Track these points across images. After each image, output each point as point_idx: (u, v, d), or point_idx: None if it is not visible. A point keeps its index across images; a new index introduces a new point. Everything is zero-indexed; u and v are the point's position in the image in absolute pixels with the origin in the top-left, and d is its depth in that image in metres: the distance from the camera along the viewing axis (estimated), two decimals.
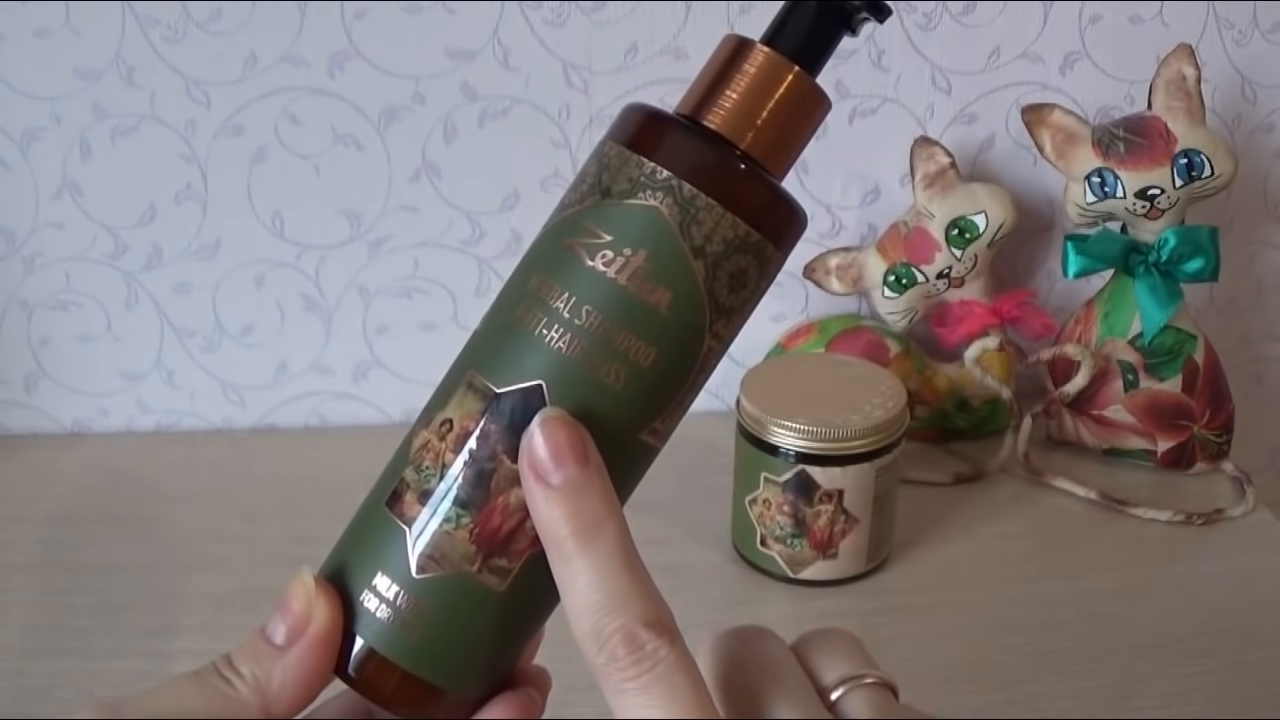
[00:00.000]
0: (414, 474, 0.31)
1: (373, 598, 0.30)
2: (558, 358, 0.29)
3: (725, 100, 0.30)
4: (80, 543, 0.67)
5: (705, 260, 0.29)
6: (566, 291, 0.30)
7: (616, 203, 0.30)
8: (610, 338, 0.29)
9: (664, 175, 0.29)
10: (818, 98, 0.31)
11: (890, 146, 0.77)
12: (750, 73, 0.31)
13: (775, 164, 0.31)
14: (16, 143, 0.72)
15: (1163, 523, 0.69)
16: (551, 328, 0.30)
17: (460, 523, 0.30)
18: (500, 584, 0.30)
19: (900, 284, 0.75)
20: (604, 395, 0.30)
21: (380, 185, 0.75)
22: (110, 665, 0.56)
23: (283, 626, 0.30)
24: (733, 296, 0.30)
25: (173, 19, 0.70)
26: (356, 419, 0.80)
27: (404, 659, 0.30)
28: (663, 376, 0.30)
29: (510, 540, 0.30)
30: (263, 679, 0.30)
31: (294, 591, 0.31)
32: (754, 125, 0.30)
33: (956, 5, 0.76)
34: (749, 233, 0.30)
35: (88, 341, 0.77)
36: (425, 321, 0.79)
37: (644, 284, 0.29)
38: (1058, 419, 0.77)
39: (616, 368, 0.30)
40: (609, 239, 0.30)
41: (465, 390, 0.30)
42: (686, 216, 0.29)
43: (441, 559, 0.30)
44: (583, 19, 0.73)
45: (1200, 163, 0.70)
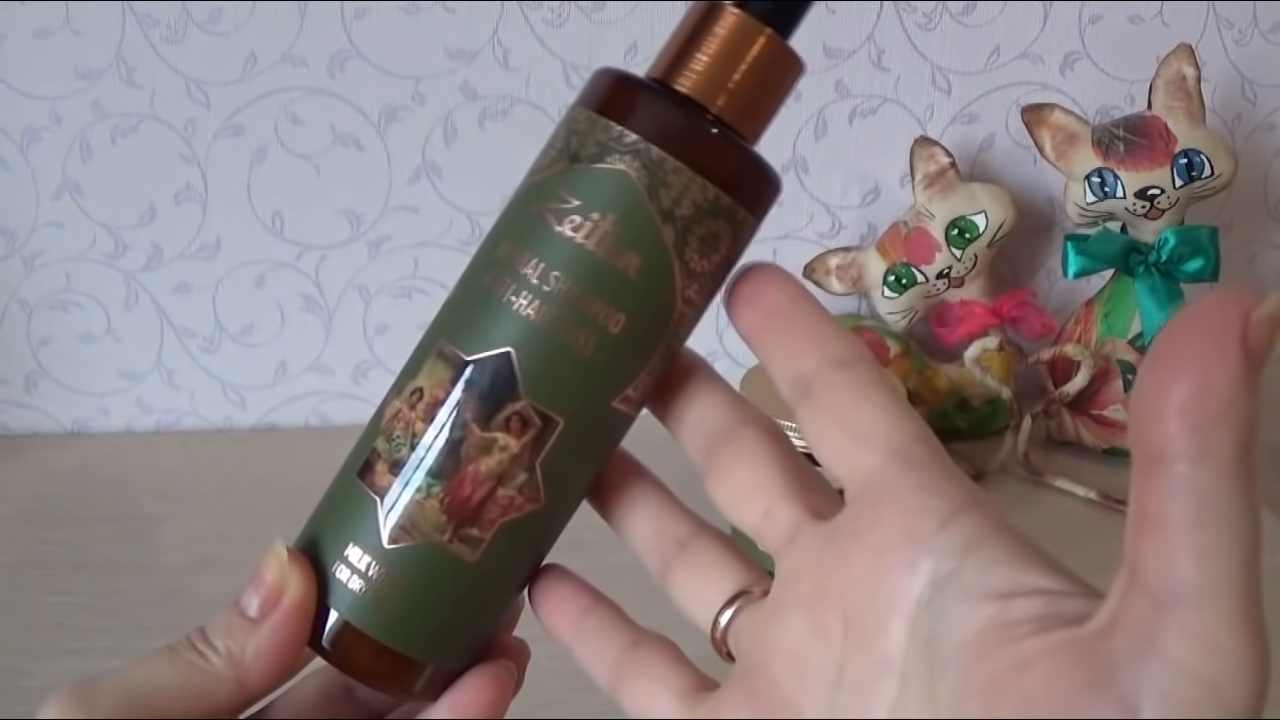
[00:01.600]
0: (385, 443, 0.31)
1: (345, 569, 0.30)
2: (526, 324, 0.29)
3: (696, 63, 0.30)
4: (80, 543, 0.67)
5: (675, 224, 0.29)
6: (535, 258, 0.29)
7: (585, 167, 0.29)
8: (579, 304, 0.29)
9: (632, 139, 0.29)
10: (790, 60, 0.31)
11: (890, 146, 0.77)
12: (721, 35, 0.30)
13: (747, 127, 0.30)
14: (16, 143, 0.72)
15: None
16: (520, 294, 0.29)
17: (431, 492, 0.29)
18: (472, 554, 0.30)
19: (900, 284, 0.75)
20: (574, 362, 0.29)
21: (380, 185, 0.75)
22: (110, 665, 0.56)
23: (256, 599, 0.30)
24: (704, 261, 0.30)
25: (173, 19, 0.70)
26: (356, 419, 0.80)
27: (377, 630, 0.30)
28: (633, 343, 0.30)
29: (481, 509, 0.30)
30: (236, 651, 0.30)
31: (267, 563, 0.30)
32: (725, 88, 0.30)
33: (956, 5, 0.76)
34: (719, 196, 0.29)
35: (88, 341, 0.77)
36: (425, 321, 0.77)
37: (612, 249, 0.29)
38: (1058, 419, 0.77)
39: (586, 334, 0.29)
40: (577, 204, 0.29)
41: (435, 359, 0.30)
42: (655, 180, 0.29)
43: (413, 529, 0.30)
44: (583, 19, 0.73)
45: (1200, 163, 0.70)
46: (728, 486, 0.30)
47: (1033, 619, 0.22)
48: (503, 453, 0.29)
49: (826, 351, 0.28)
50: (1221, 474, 0.19)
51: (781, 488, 0.29)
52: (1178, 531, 0.20)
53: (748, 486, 0.30)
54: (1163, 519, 0.20)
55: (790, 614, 0.28)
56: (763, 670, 0.28)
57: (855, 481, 0.27)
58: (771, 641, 0.28)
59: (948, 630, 0.23)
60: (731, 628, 0.30)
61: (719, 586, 0.31)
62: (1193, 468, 0.19)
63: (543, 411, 0.29)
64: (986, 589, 0.23)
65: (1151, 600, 0.20)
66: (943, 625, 0.24)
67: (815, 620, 0.27)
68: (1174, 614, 0.20)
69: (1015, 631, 0.22)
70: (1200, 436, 0.19)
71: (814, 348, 0.28)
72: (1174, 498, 0.20)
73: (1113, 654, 0.20)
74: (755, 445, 0.30)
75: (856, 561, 0.26)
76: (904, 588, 0.24)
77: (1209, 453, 0.19)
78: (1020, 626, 0.22)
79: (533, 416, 0.29)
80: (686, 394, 0.32)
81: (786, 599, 0.28)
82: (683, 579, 0.31)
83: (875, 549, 0.25)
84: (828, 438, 0.27)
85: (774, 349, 0.29)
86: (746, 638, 0.29)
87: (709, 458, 0.31)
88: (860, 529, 0.26)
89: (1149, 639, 0.20)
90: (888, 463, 0.26)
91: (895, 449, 0.26)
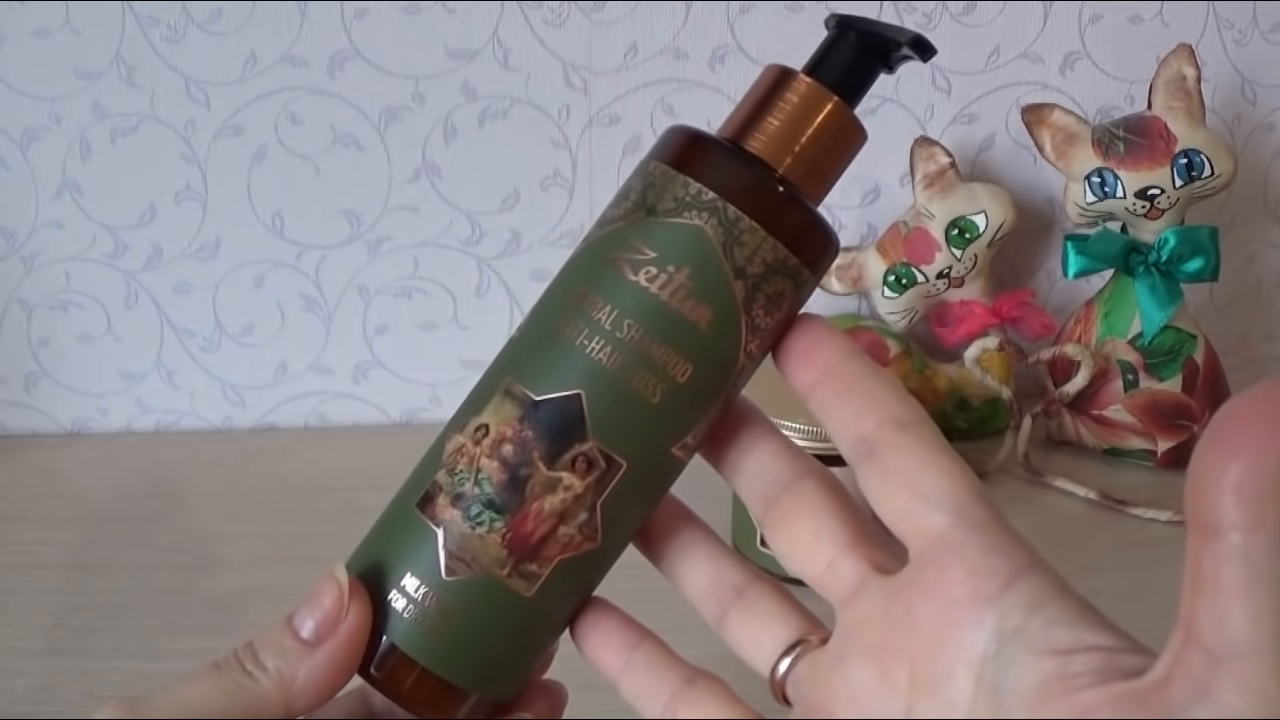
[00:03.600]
0: (447, 477, 0.31)
1: (400, 596, 0.31)
2: (597, 368, 0.30)
3: (767, 126, 0.31)
4: (80, 543, 0.67)
5: (745, 281, 0.30)
6: (609, 304, 0.30)
7: (661, 220, 0.30)
8: (649, 351, 0.30)
9: (709, 196, 0.30)
10: (855, 128, 0.32)
11: (890, 146, 0.77)
12: (792, 100, 0.31)
13: (812, 190, 0.32)
14: (16, 143, 0.72)
15: (1163, 523, 0.69)
16: (592, 339, 0.30)
17: (493, 527, 0.30)
18: (529, 589, 0.31)
19: (900, 284, 0.75)
20: (640, 408, 0.30)
21: (380, 185, 0.75)
22: (110, 665, 0.56)
23: (311, 621, 0.30)
24: (768, 318, 0.31)
25: (173, 19, 0.70)
26: (356, 419, 0.80)
27: (427, 658, 0.31)
28: (697, 392, 0.31)
29: (542, 546, 0.30)
30: (287, 674, 0.30)
31: (326, 588, 0.30)
32: (793, 151, 0.31)
33: (956, 5, 0.76)
34: (788, 256, 0.30)
35: (88, 341, 0.77)
36: (425, 321, 0.79)
37: (685, 301, 0.30)
38: (1058, 419, 0.77)
39: (654, 381, 0.30)
40: (653, 255, 0.30)
41: (502, 396, 0.31)
42: (730, 237, 0.30)
43: (472, 561, 0.30)
44: (583, 19, 0.73)
45: (1200, 163, 0.70)
46: (789, 537, 0.32)
47: (1092, 671, 0.24)
48: (567, 492, 0.30)
49: (887, 413, 0.30)
50: (1271, 543, 0.21)
51: (846, 541, 0.31)
52: (1231, 594, 0.22)
53: (811, 538, 0.31)
54: (1217, 582, 0.22)
55: (854, 662, 0.29)
56: (825, 712, 0.29)
57: (919, 539, 0.28)
58: (835, 688, 0.29)
59: (1012, 681, 0.25)
60: (791, 674, 0.31)
61: (777, 634, 0.32)
62: (1246, 537, 0.21)
63: (608, 454, 0.30)
64: (1049, 645, 0.25)
65: (1206, 655, 0.22)
66: (1007, 676, 0.25)
67: (881, 668, 0.28)
68: (1227, 667, 0.22)
69: (1076, 683, 0.24)
70: (1254, 510, 0.21)
71: (873, 409, 0.30)
72: (1228, 564, 0.22)
73: (1170, 703, 0.22)
74: (817, 498, 0.31)
75: (924, 615, 0.28)
76: (970, 641, 0.26)
77: (1262, 524, 0.21)
78: (1081, 678, 0.24)
79: (598, 458, 0.30)
80: (744, 443, 0.33)
81: (850, 647, 0.29)
82: (740, 625, 0.33)
83: (943, 605, 0.27)
84: (891, 498, 0.29)
85: (832, 408, 0.31)
86: (807, 683, 0.31)
87: (769, 507, 0.32)
88: (927, 586, 0.28)
89: (1204, 690, 0.22)
90: (953, 524, 0.28)
91: (958, 510, 0.28)
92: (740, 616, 0.33)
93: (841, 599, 0.30)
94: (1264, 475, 0.21)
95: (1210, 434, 0.22)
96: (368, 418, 0.80)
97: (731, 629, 0.33)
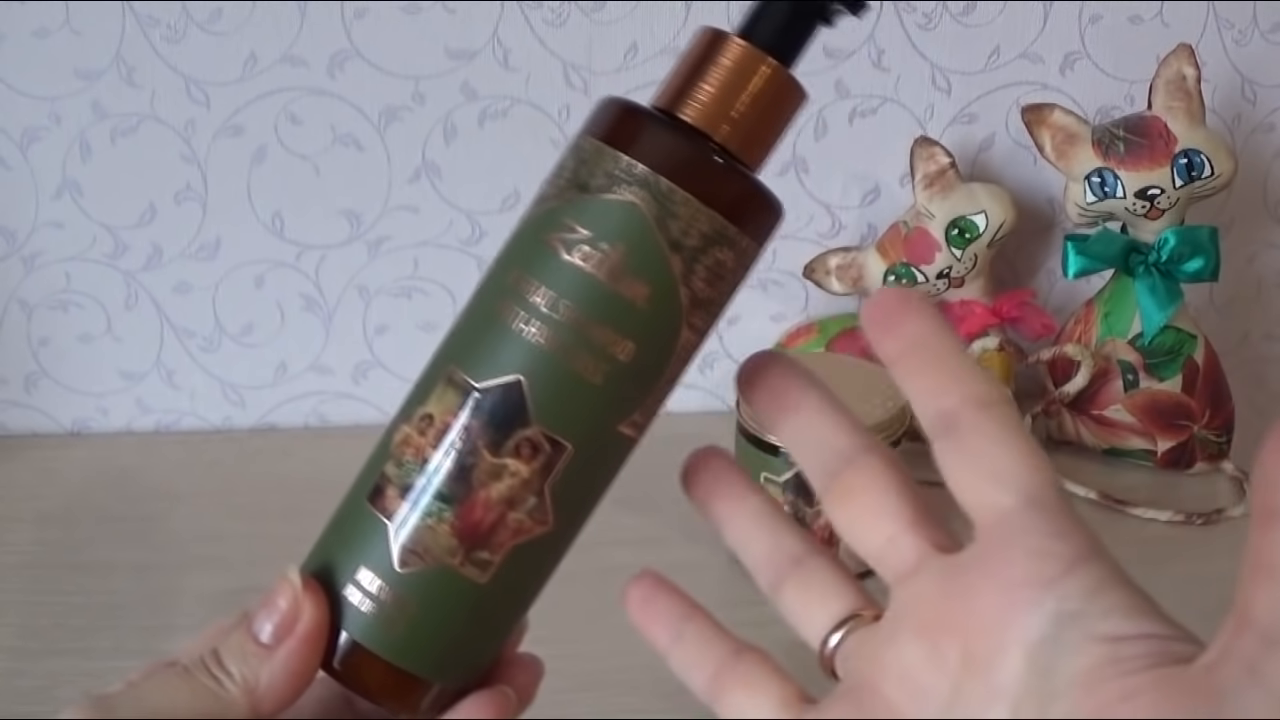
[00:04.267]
0: (395, 468, 0.31)
1: (356, 591, 0.31)
2: (536, 352, 0.29)
3: (700, 93, 0.30)
4: (80, 543, 0.67)
5: (682, 254, 0.29)
6: (544, 286, 0.30)
7: (594, 197, 0.30)
8: (588, 332, 0.29)
9: (640, 170, 0.29)
10: (793, 90, 0.31)
11: (890, 146, 0.77)
12: (725, 65, 0.30)
13: (751, 156, 0.31)
14: (16, 143, 0.72)
15: (1163, 523, 0.69)
16: (529, 322, 0.30)
17: (442, 517, 0.30)
18: (482, 576, 0.30)
19: (900, 284, 0.75)
20: (583, 390, 0.30)
21: (380, 185, 0.75)
22: (109, 665, 0.56)
23: (269, 624, 0.30)
24: (709, 289, 0.30)
25: (173, 19, 0.70)
26: (356, 419, 0.80)
27: (387, 651, 0.31)
28: (640, 370, 0.30)
29: (492, 533, 0.30)
30: (250, 678, 0.30)
31: (280, 589, 0.31)
32: (729, 118, 0.30)
33: (956, 5, 0.76)
34: (725, 226, 0.30)
35: (88, 341, 0.77)
36: (425, 321, 0.79)
37: (621, 278, 0.29)
38: (1058, 419, 0.77)
39: (594, 362, 0.30)
40: (586, 234, 0.30)
41: (445, 385, 0.31)
42: (663, 211, 0.29)
43: (424, 552, 0.30)
44: (583, 19, 0.73)
45: (1200, 163, 0.70)
46: (850, 510, 0.31)
47: (1143, 655, 0.24)
48: (513, 478, 0.30)
49: (969, 390, 0.29)
50: None
51: (907, 518, 0.30)
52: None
53: (872, 513, 0.31)
54: (1277, 568, 0.22)
55: (907, 638, 0.29)
56: (873, 689, 0.29)
57: (987, 518, 0.28)
58: (885, 663, 0.29)
59: (1064, 664, 0.25)
60: (841, 648, 0.31)
61: (831, 606, 0.32)
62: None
63: (552, 438, 0.30)
64: (1105, 631, 0.25)
65: (1260, 638, 0.22)
66: (1060, 659, 0.25)
67: (933, 646, 0.28)
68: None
69: (1126, 666, 0.24)
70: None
71: (956, 385, 0.29)
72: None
73: (1220, 685, 0.22)
74: (879, 473, 0.31)
75: (983, 595, 0.27)
76: (1027, 622, 0.26)
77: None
78: (1131, 663, 0.24)
79: (543, 443, 0.30)
80: (807, 414, 0.33)
81: (904, 624, 0.29)
82: (795, 595, 0.33)
83: (1003, 585, 0.27)
84: (965, 474, 0.29)
85: (915, 380, 0.30)
86: (856, 658, 0.31)
87: (831, 479, 0.32)
88: (989, 565, 0.28)
89: (1255, 671, 0.22)
90: (1022, 506, 0.28)
91: (1029, 493, 0.28)
92: (796, 587, 0.33)
93: (899, 575, 0.30)
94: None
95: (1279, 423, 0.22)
96: (368, 418, 0.80)
97: (786, 598, 0.33)
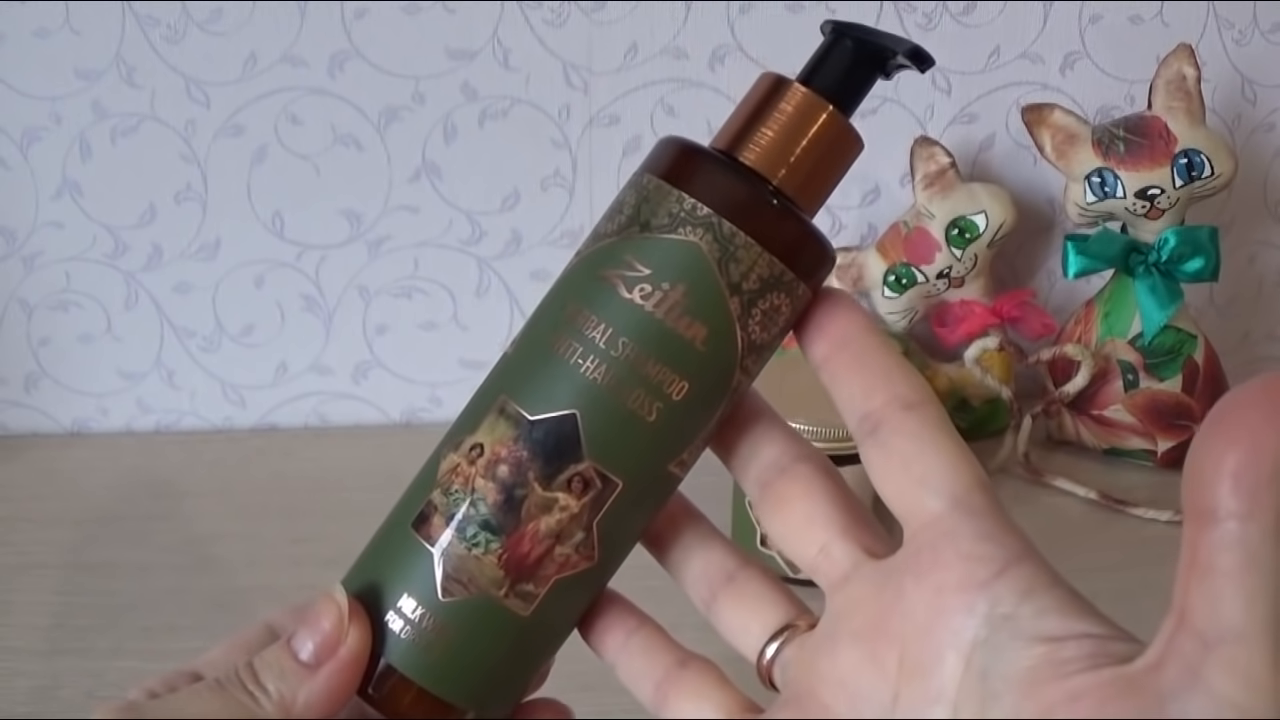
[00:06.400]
0: (442, 497, 0.31)
1: (397, 618, 0.30)
2: (592, 387, 0.30)
3: (761, 137, 0.31)
4: (80, 543, 0.67)
5: (741, 297, 0.30)
6: (602, 322, 0.30)
7: (655, 236, 0.30)
8: (644, 370, 0.30)
9: (704, 211, 0.30)
10: (851, 138, 0.31)
11: (890, 146, 0.77)
12: (786, 110, 0.31)
13: (807, 202, 0.31)
14: (16, 143, 0.72)
15: (1163, 523, 0.69)
16: (586, 357, 0.30)
17: (489, 548, 0.30)
18: (525, 609, 0.30)
19: (900, 284, 0.75)
20: (636, 426, 0.30)
21: (380, 185, 0.75)
22: (110, 665, 0.56)
23: (310, 644, 0.30)
24: (764, 333, 0.30)
25: (173, 19, 0.70)
26: (356, 419, 0.80)
27: (424, 678, 0.30)
28: (693, 410, 0.30)
29: (538, 566, 0.30)
30: (288, 696, 0.30)
31: (325, 609, 0.30)
32: (788, 163, 0.30)
33: (956, 5, 0.76)
34: (784, 271, 0.30)
35: (88, 341, 0.77)
36: (425, 321, 0.79)
37: (680, 318, 0.30)
38: (1058, 419, 0.77)
39: (650, 400, 0.30)
40: (647, 272, 0.30)
41: (496, 415, 0.31)
42: (725, 253, 0.29)
43: (469, 582, 0.30)
44: (583, 19, 0.73)
45: (1200, 163, 0.70)
46: (783, 520, 0.31)
47: (1082, 658, 0.24)
48: (563, 512, 0.30)
49: (894, 391, 0.29)
50: (1267, 530, 0.21)
51: (839, 525, 0.30)
52: (1225, 579, 0.22)
53: (804, 522, 0.31)
54: (1212, 568, 0.22)
55: (844, 646, 0.29)
56: (813, 697, 0.29)
57: (915, 522, 0.28)
58: (822, 671, 0.29)
59: (1001, 666, 0.25)
60: (779, 658, 0.31)
61: (765, 618, 0.32)
62: (1242, 524, 0.21)
63: (604, 473, 0.30)
64: (1040, 632, 0.25)
65: (1199, 639, 0.22)
66: (997, 661, 0.25)
67: (871, 652, 0.28)
68: (1220, 651, 0.22)
69: (1066, 668, 0.24)
70: (1250, 497, 0.21)
71: (882, 386, 0.29)
72: (1224, 550, 0.22)
73: (1161, 687, 0.22)
74: (812, 482, 0.31)
75: (915, 600, 0.27)
76: (960, 626, 0.26)
77: (1258, 512, 0.21)
78: (1071, 664, 0.24)
79: (594, 478, 0.30)
80: (740, 425, 0.33)
81: (840, 632, 0.29)
82: (729, 610, 0.33)
83: (935, 590, 0.27)
84: (891, 477, 0.29)
85: (841, 381, 0.30)
86: (794, 668, 0.30)
87: (763, 490, 0.32)
88: (920, 570, 0.28)
89: (1195, 674, 0.22)
90: (949, 509, 0.28)
91: (956, 496, 0.28)
92: (729, 601, 0.33)
93: (833, 583, 0.30)
94: (1261, 464, 0.21)
95: (1209, 423, 0.22)
96: (368, 418, 0.80)
97: (720, 613, 0.33)
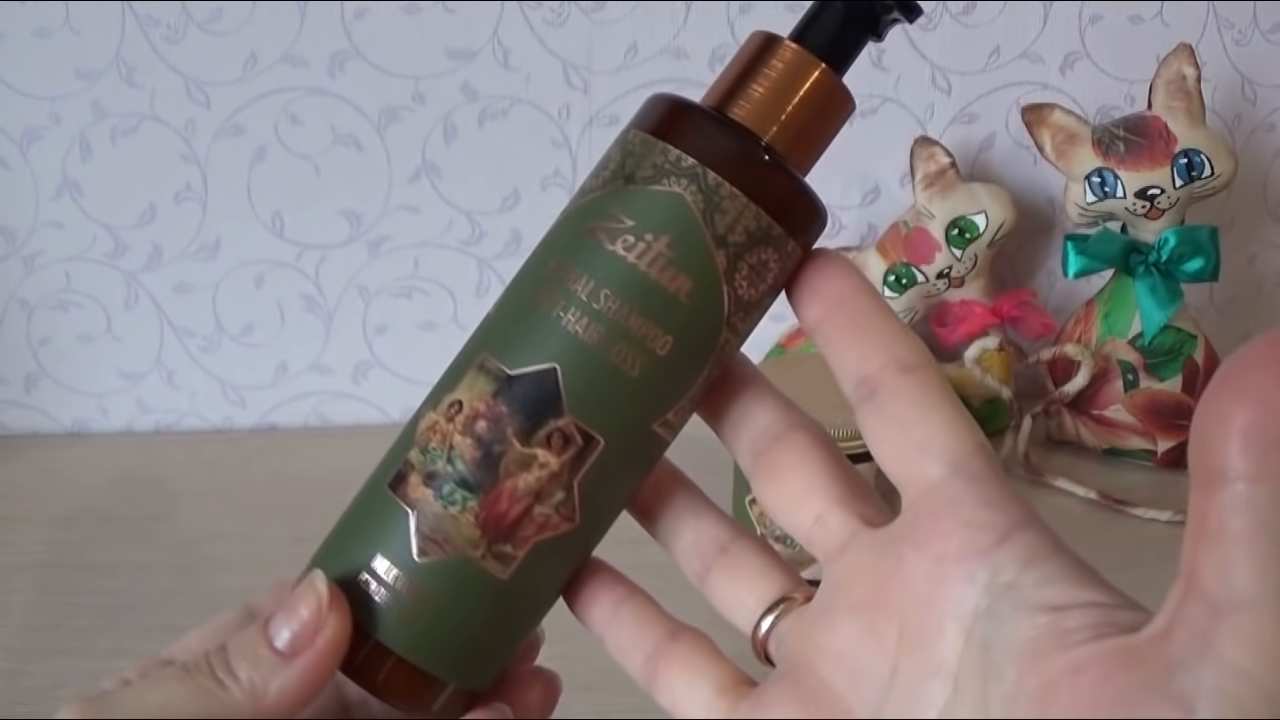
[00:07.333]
0: (419, 455, 0.30)
1: (371, 580, 0.29)
2: (574, 341, 0.29)
3: (751, 93, 0.30)
4: (80, 543, 0.67)
5: (727, 250, 0.29)
6: (586, 275, 0.29)
7: (640, 188, 0.29)
8: (628, 324, 0.29)
9: (689, 162, 0.29)
10: (843, 96, 0.31)
11: (890, 146, 0.77)
12: (777, 67, 0.30)
13: (799, 159, 0.31)
14: (16, 143, 0.72)
15: (1163, 523, 0.69)
16: (569, 311, 0.29)
17: (466, 506, 0.29)
18: (504, 571, 0.29)
19: (900, 284, 0.75)
20: (619, 381, 0.29)
21: (380, 185, 0.75)
22: (110, 665, 0.55)
23: (287, 631, 0.29)
24: (751, 289, 0.30)
25: (173, 19, 0.70)
26: (356, 419, 0.80)
27: (401, 646, 0.29)
28: (678, 366, 0.30)
29: (517, 526, 0.29)
30: (260, 685, 0.28)
31: (303, 596, 0.29)
32: (779, 119, 0.30)
33: (956, 5, 0.76)
34: (771, 225, 0.29)
35: (88, 341, 0.77)
36: (425, 321, 0.79)
37: (664, 270, 0.29)
38: (1058, 419, 0.77)
39: (633, 354, 0.29)
40: (631, 224, 0.29)
41: (476, 372, 0.30)
42: (710, 204, 0.29)
43: (444, 542, 0.29)
44: (583, 19, 0.73)
45: (1200, 163, 0.70)
46: (778, 490, 0.30)
47: (1087, 627, 0.23)
48: (542, 469, 0.29)
49: (892, 354, 0.28)
50: (1277, 493, 0.20)
51: (835, 495, 0.29)
52: (1235, 543, 0.21)
53: (800, 491, 0.30)
54: (1221, 532, 0.21)
55: (841, 618, 0.28)
56: (810, 671, 0.28)
57: (914, 488, 0.27)
58: (819, 644, 0.28)
59: (1003, 637, 0.24)
60: (774, 632, 0.30)
61: (760, 591, 0.31)
62: (1251, 486, 0.20)
63: (585, 430, 0.29)
64: (1042, 601, 0.24)
65: (1208, 607, 0.21)
66: (998, 632, 0.24)
67: (869, 624, 0.27)
68: (1230, 619, 0.21)
69: (1070, 639, 0.23)
70: (1260, 458, 0.20)
71: (879, 349, 0.28)
72: (1233, 513, 0.21)
73: (1169, 657, 0.21)
74: (806, 451, 0.30)
75: (914, 569, 0.26)
76: (961, 596, 0.25)
77: (1267, 473, 0.20)
78: (1075, 634, 0.23)
79: (575, 434, 0.29)
80: (734, 396, 0.32)
81: (838, 603, 0.28)
82: (723, 582, 0.32)
83: (934, 558, 0.26)
84: (889, 442, 0.28)
85: (838, 345, 0.29)
86: (790, 641, 0.30)
87: (757, 459, 0.31)
88: (919, 538, 0.27)
89: (1205, 642, 0.21)
90: (949, 475, 0.27)
91: (956, 461, 0.27)
92: (723, 573, 0.31)
93: (829, 553, 0.29)
94: (1270, 424, 0.20)
95: (1216, 383, 0.21)
96: (368, 418, 0.80)
97: (714, 586, 0.32)
